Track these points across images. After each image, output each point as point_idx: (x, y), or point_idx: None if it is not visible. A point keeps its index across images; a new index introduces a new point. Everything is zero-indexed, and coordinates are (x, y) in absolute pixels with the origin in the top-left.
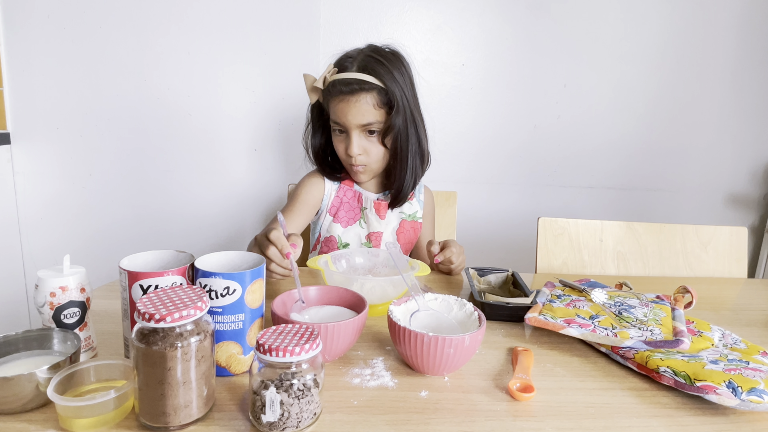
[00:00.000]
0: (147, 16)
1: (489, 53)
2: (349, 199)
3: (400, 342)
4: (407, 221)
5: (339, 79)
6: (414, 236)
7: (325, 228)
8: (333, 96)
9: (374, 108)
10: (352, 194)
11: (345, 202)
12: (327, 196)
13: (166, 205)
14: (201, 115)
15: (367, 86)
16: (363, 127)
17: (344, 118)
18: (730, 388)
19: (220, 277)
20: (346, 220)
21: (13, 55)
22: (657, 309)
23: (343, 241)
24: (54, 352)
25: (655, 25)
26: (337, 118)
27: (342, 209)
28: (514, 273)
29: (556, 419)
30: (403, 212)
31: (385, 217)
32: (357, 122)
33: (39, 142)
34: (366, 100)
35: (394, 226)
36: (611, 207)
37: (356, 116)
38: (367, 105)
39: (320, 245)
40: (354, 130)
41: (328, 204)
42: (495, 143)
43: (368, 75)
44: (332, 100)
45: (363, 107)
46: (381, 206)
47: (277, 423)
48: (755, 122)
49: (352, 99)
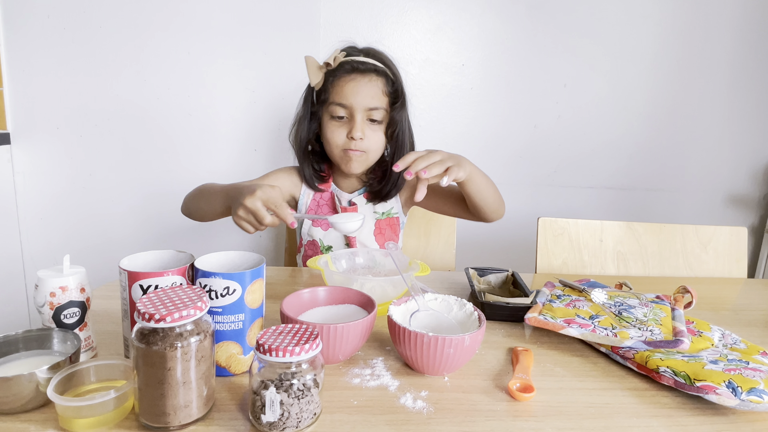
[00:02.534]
0: (147, 16)
1: (489, 53)
2: (326, 201)
3: (400, 342)
4: (382, 220)
5: (352, 59)
6: (393, 232)
7: (306, 231)
8: (341, 76)
9: (382, 94)
10: (328, 196)
11: (322, 205)
12: (303, 195)
13: (166, 205)
14: (201, 115)
15: (379, 70)
16: (369, 111)
17: (352, 98)
18: (730, 388)
19: (220, 277)
20: (325, 223)
21: (13, 55)
22: (657, 309)
23: (325, 244)
24: (54, 352)
25: (655, 25)
26: (344, 99)
27: (320, 211)
28: (514, 273)
29: (556, 419)
30: (376, 212)
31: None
32: (365, 104)
33: (39, 142)
34: (376, 83)
35: (369, 227)
36: (611, 207)
37: (365, 97)
38: (376, 88)
39: (303, 248)
40: (359, 114)
41: (306, 207)
42: (495, 143)
43: (379, 62)
44: (339, 80)
45: (373, 89)
46: (350, 211)
47: (277, 423)
48: (755, 122)
49: (363, 79)
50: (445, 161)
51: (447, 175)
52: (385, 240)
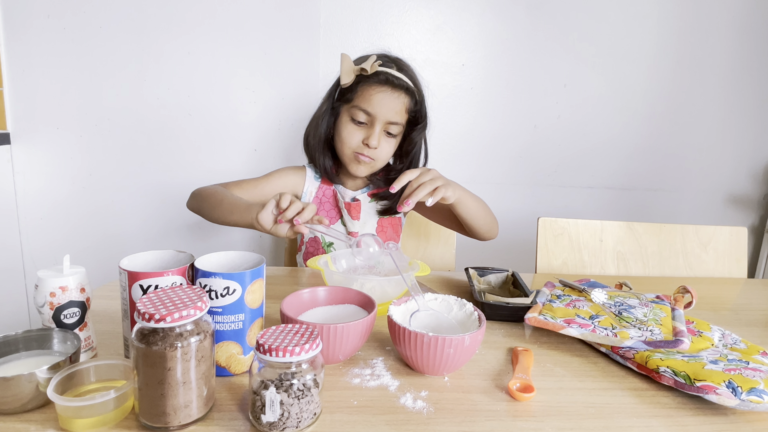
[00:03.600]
0: (147, 16)
1: (489, 53)
2: (328, 198)
3: (400, 342)
4: (385, 219)
5: (387, 71)
6: (394, 232)
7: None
8: (372, 84)
9: (404, 111)
10: (330, 193)
11: (324, 202)
12: (306, 193)
13: (166, 205)
14: (201, 115)
15: (410, 90)
16: (388, 124)
17: (378, 108)
18: (730, 388)
19: (220, 277)
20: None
21: (13, 55)
22: (657, 309)
23: (326, 240)
24: (54, 352)
25: (655, 25)
26: (369, 106)
27: (322, 209)
28: (514, 273)
29: (556, 419)
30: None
31: (359, 218)
32: (388, 117)
33: (39, 142)
34: (402, 100)
35: (371, 225)
36: (611, 207)
37: (390, 111)
38: (402, 105)
39: (305, 246)
40: (379, 124)
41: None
42: (495, 143)
43: (412, 81)
44: (369, 87)
45: (398, 105)
46: (352, 207)
47: (277, 423)
48: (755, 122)
49: (393, 94)
50: (435, 181)
51: (432, 196)
52: (387, 239)
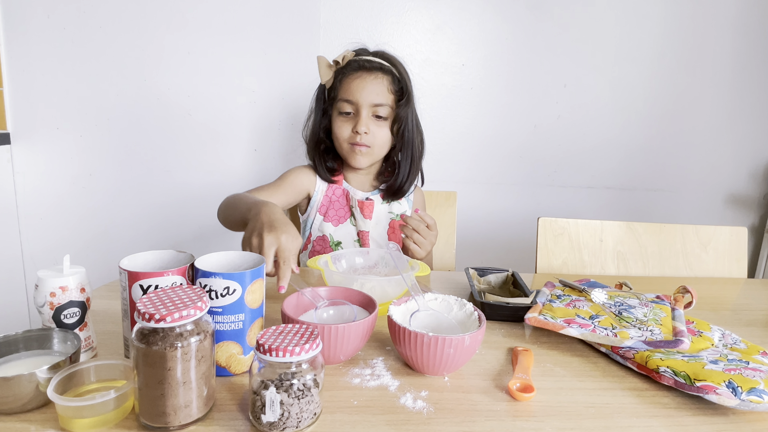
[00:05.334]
0: (147, 16)
1: (489, 53)
2: (338, 197)
3: (400, 342)
4: (396, 221)
5: (359, 58)
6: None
7: (317, 227)
8: (349, 74)
9: (387, 91)
10: (341, 192)
11: (334, 201)
12: (317, 191)
13: (166, 205)
14: (201, 114)
15: (385, 69)
16: (374, 107)
17: (358, 94)
18: (730, 388)
19: (220, 277)
20: (337, 218)
21: (13, 55)
22: (657, 309)
23: (335, 239)
24: (54, 352)
25: (655, 26)
26: (350, 95)
27: (332, 208)
28: (514, 273)
29: (556, 419)
30: (392, 212)
31: (371, 218)
32: (370, 100)
33: (39, 142)
34: (381, 81)
35: (383, 226)
36: (611, 207)
37: (371, 94)
38: (382, 86)
39: (312, 244)
40: (364, 109)
41: (318, 202)
42: (495, 143)
43: (386, 61)
44: (347, 78)
45: (378, 87)
46: (365, 206)
47: (277, 423)
48: (755, 122)
49: (369, 77)
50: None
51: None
52: (398, 240)
